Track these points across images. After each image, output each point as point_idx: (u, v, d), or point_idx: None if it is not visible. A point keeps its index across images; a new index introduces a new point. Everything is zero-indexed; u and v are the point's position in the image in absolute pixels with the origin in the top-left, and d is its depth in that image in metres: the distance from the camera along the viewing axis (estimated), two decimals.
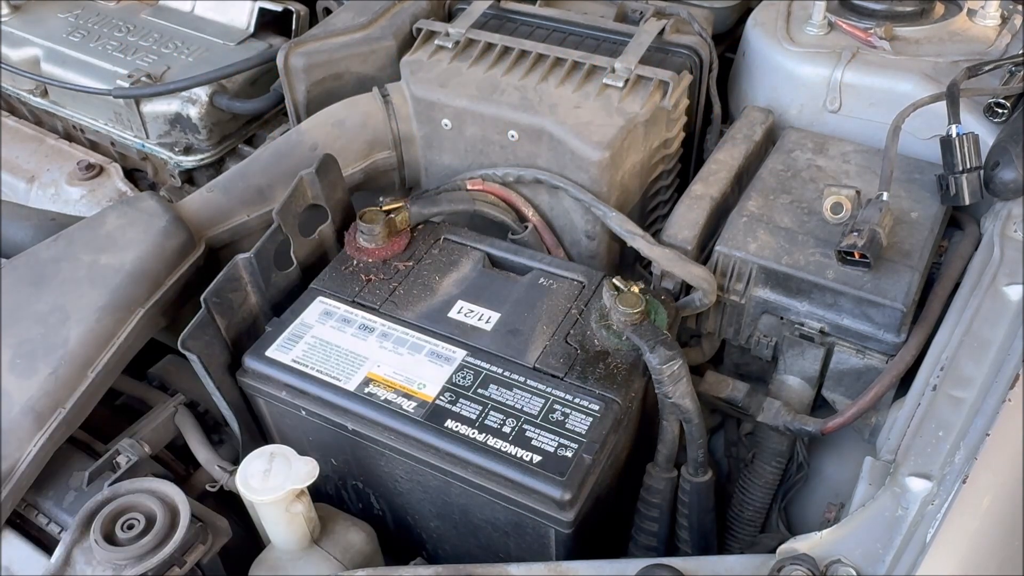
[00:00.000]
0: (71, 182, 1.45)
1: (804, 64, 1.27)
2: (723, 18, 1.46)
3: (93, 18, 1.63)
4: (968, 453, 0.77)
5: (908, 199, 1.11)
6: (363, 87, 1.31)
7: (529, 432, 0.89)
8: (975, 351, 0.88)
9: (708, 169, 1.19)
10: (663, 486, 1.02)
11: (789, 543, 0.74)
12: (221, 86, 1.45)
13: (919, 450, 0.80)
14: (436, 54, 1.27)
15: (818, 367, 1.08)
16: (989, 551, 0.72)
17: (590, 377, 0.94)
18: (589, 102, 1.17)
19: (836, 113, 1.26)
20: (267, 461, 0.87)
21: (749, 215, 1.11)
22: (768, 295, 1.08)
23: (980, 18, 1.31)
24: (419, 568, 0.88)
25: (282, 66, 1.30)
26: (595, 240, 1.21)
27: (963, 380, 0.85)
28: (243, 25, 1.57)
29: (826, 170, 1.17)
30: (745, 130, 1.26)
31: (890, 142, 1.06)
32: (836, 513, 0.99)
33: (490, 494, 0.89)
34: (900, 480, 0.78)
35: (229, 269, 1.00)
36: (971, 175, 1.04)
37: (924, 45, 1.27)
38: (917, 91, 1.16)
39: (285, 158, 1.20)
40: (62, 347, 0.96)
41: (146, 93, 1.45)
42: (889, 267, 1.02)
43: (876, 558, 0.73)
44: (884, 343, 1.02)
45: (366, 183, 1.27)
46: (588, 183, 1.15)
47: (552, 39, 1.30)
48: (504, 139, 1.20)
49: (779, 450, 1.11)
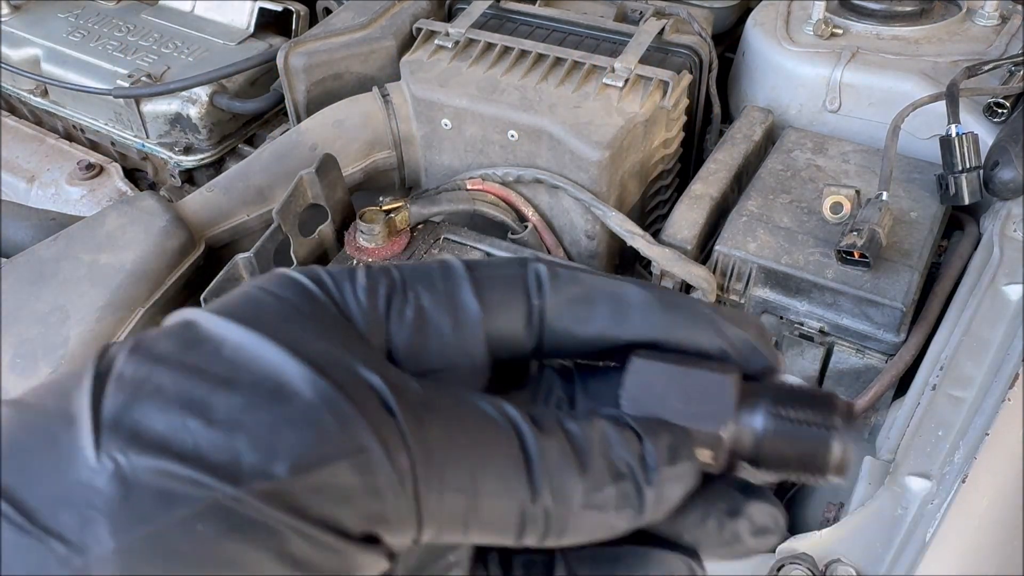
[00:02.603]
0: (71, 182, 1.45)
1: (804, 64, 1.27)
2: (723, 18, 1.46)
3: (93, 18, 1.63)
4: (967, 453, 0.77)
5: (908, 199, 1.11)
6: (363, 87, 1.31)
7: None
8: (975, 351, 0.88)
9: (708, 169, 1.20)
10: None
11: (789, 542, 0.75)
12: (221, 86, 1.45)
13: (918, 450, 0.80)
14: (436, 54, 1.27)
15: (818, 367, 1.08)
16: (989, 550, 0.72)
17: None
18: (589, 102, 1.17)
19: (836, 113, 1.26)
20: None
21: (749, 215, 1.11)
22: (768, 295, 1.08)
23: (979, 18, 1.31)
24: None
25: (282, 66, 1.30)
26: (595, 240, 1.21)
27: (963, 379, 0.85)
28: (243, 25, 1.57)
29: (826, 170, 1.17)
30: (745, 130, 1.26)
31: (889, 142, 1.06)
32: (836, 512, 0.99)
33: None
34: (899, 479, 0.78)
35: (229, 268, 1.00)
36: (971, 175, 1.04)
37: (923, 45, 1.27)
38: (916, 91, 1.16)
39: (285, 158, 1.20)
40: (62, 346, 0.96)
41: (146, 93, 1.45)
42: (889, 267, 1.02)
43: (876, 557, 0.73)
44: (883, 343, 1.02)
45: (366, 183, 1.27)
46: (588, 183, 1.15)
47: (552, 39, 1.30)
48: (504, 139, 1.20)
49: None
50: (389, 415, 0.26)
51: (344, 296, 0.29)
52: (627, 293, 0.31)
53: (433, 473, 0.26)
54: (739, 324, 0.31)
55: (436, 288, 0.30)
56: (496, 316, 0.31)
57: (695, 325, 0.31)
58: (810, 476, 0.30)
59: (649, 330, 0.31)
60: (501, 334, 0.31)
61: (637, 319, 0.31)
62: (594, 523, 0.28)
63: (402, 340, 0.30)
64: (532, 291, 0.31)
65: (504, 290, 0.31)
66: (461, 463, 0.26)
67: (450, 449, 0.26)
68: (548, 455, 0.28)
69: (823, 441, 0.29)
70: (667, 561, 0.31)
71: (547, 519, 0.27)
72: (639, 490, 0.29)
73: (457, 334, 0.30)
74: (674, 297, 0.32)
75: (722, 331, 0.31)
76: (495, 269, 0.31)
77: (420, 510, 0.26)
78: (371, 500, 0.25)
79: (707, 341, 0.31)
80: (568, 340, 0.32)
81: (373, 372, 0.27)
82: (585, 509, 0.28)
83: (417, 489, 0.26)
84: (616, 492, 0.28)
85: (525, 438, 0.27)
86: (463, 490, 0.26)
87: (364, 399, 0.26)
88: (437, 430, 0.27)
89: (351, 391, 0.26)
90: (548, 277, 0.31)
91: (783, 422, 0.30)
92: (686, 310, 0.31)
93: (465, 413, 0.28)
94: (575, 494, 0.28)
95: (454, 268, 0.31)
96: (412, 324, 0.30)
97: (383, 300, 0.29)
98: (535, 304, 0.31)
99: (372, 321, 0.29)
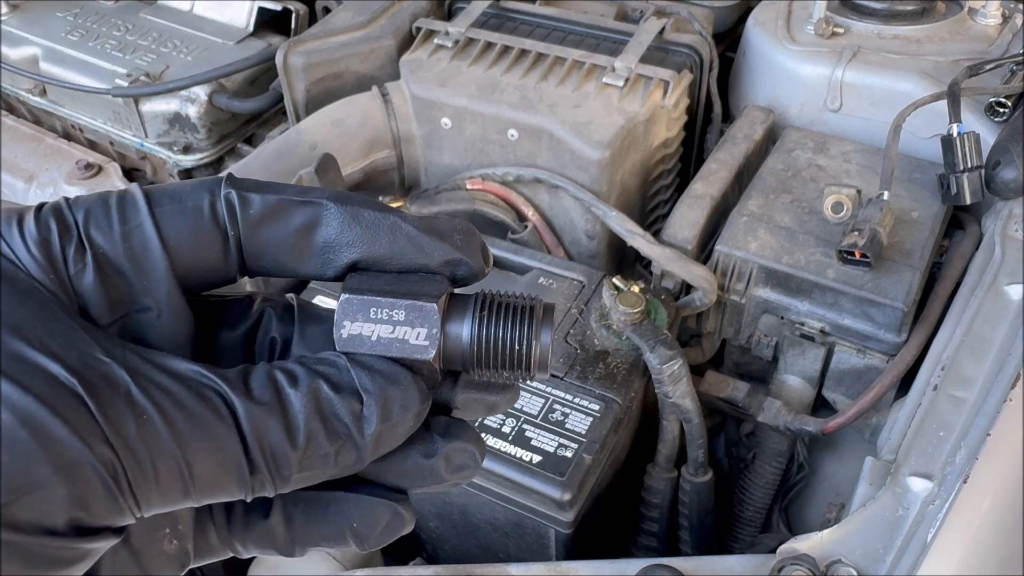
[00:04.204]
0: (70, 181, 1.44)
1: (805, 63, 1.27)
2: (723, 17, 1.45)
3: (92, 17, 1.63)
4: (969, 453, 0.76)
5: (909, 198, 1.11)
6: (363, 86, 1.31)
7: (529, 432, 0.89)
8: (976, 351, 0.87)
9: (708, 168, 1.19)
10: (663, 486, 1.02)
11: (789, 543, 0.74)
12: (220, 85, 1.44)
13: (920, 450, 0.80)
14: (436, 53, 1.27)
15: (819, 367, 1.08)
16: (990, 551, 0.72)
17: (590, 377, 0.94)
18: (589, 101, 1.17)
19: (837, 112, 1.26)
20: None
21: (749, 214, 1.10)
22: (768, 295, 1.07)
23: (981, 17, 1.31)
24: (418, 568, 0.88)
25: (281, 65, 1.29)
26: (595, 239, 1.21)
27: (964, 380, 0.85)
28: (242, 24, 1.57)
29: (827, 169, 1.17)
30: (745, 129, 1.26)
31: (891, 141, 1.06)
32: (837, 513, 0.99)
33: (490, 494, 0.89)
34: (901, 480, 0.78)
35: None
36: (972, 174, 1.03)
37: (925, 44, 1.27)
38: (918, 90, 1.16)
39: (284, 157, 1.20)
40: None
41: (145, 92, 1.44)
42: (890, 267, 1.02)
43: (877, 558, 0.73)
44: (885, 343, 1.02)
45: (366, 182, 1.27)
46: (588, 182, 1.15)
47: (552, 38, 1.29)
48: (504, 138, 1.19)
49: (779, 450, 1.10)
50: (89, 415, 0.26)
51: (16, 253, 0.28)
52: (325, 214, 0.31)
53: (145, 471, 0.27)
54: (441, 236, 0.32)
55: (113, 230, 0.29)
56: (185, 251, 0.30)
57: (394, 244, 0.32)
58: (518, 374, 0.33)
59: (353, 252, 0.32)
60: (196, 267, 0.31)
61: (338, 240, 0.32)
62: (315, 475, 0.31)
63: (88, 292, 0.29)
64: (224, 220, 0.31)
65: (192, 222, 0.30)
66: (172, 456, 0.27)
67: (158, 443, 0.27)
68: (263, 432, 0.29)
69: (523, 341, 0.33)
70: (375, 508, 0.34)
71: (264, 483, 0.30)
72: (356, 446, 0.31)
73: (142, 277, 0.30)
74: (372, 215, 0.32)
75: (422, 248, 0.32)
76: (181, 200, 0.30)
77: (137, 502, 0.27)
78: (85, 507, 0.26)
79: (409, 260, 0.32)
80: (272, 265, 0.32)
81: (55, 361, 0.26)
82: (304, 470, 0.30)
83: (131, 487, 0.27)
84: (335, 451, 0.30)
85: (240, 417, 0.28)
86: (178, 480, 0.27)
87: (58, 401, 0.26)
88: (144, 421, 0.27)
89: (44, 395, 0.26)
90: (239, 203, 0.31)
91: (486, 328, 0.33)
92: (384, 229, 0.32)
93: (176, 393, 0.28)
94: (292, 462, 0.29)
95: (134, 203, 0.30)
96: (94, 274, 0.29)
97: (58, 252, 0.29)
98: (231, 234, 0.31)
99: (54, 278, 0.29)
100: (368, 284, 0.32)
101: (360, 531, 0.34)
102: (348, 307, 0.32)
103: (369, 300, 0.32)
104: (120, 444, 0.26)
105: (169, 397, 0.28)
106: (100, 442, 0.26)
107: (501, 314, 0.33)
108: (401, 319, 0.32)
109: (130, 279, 0.30)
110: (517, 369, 0.33)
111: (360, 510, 0.34)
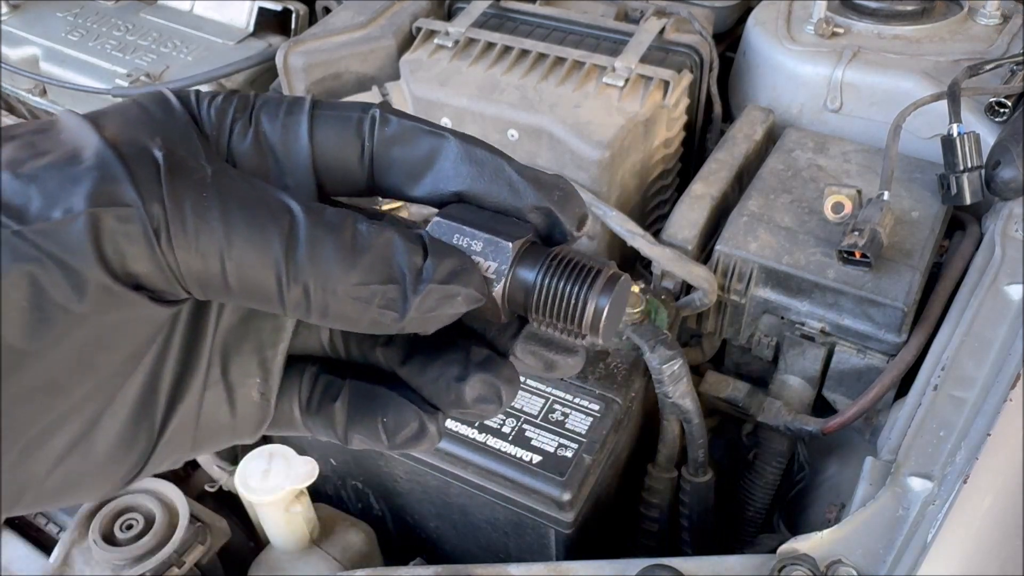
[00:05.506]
0: None
1: (805, 63, 1.27)
2: (723, 17, 1.45)
3: (92, 17, 1.63)
4: (969, 453, 0.76)
5: (909, 198, 1.11)
6: (363, 86, 1.31)
7: (529, 432, 0.89)
8: (976, 351, 0.87)
9: (708, 168, 1.19)
10: (663, 486, 1.02)
11: (790, 543, 0.74)
12: (220, 85, 1.44)
13: (920, 450, 0.80)
14: (436, 53, 1.27)
15: (819, 367, 1.08)
16: (990, 551, 0.72)
17: (590, 377, 0.94)
18: (589, 101, 1.17)
19: (837, 112, 1.26)
20: (266, 461, 0.87)
21: (750, 214, 1.10)
22: (769, 295, 1.07)
23: (981, 17, 1.31)
24: (418, 568, 0.88)
25: (281, 65, 1.29)
26: (595, 239, 1.21)
27: (964, 380, 0.85)
28: (242, 24, 1.57)
29: (827, 169, 1.17)
30: (746, 129, 1.26)
31: (891, 141, 1.06)
32: (837, 513, 0.99)
33: (490, 494, 0.89)
34: (901, 480, 0.78)
35: None
36: (972, 174, 1.03)
37: (925, 44, 1.27)
38: (918, 90, 1.16)
39: None
40: None
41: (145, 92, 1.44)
42: (890, 267, 1.02)
43: (877, 558, 0.73)
44: (885, 343, 1.02)
45: None
46: (588, 182, 1.15)
47: (552, 38, 1.29)
48: (504, 138, 1.19)
49: (780, 450, 1.10)
50: (156, 180, 0.30)
51: (199, 111, 0.35)
52: (446, 145, 0.35)
53: (186, 231, 0.30)
54: (539, 186, 0.35)
55: (277, 118, 0.35)
56: (328, 150, 0.35)
57: (494, 184, 0.35)
58: (572, 329, 0.35)
59: (458, 184, 0.35)
60: (333, 166, 0.35)
61: (450, 172, 0.35)
62: (357, 312, 0.32)
63: (240, 154, 0.35)
64: (365, 132, 0.35)
65: (340, 128, 0.35)
66: (216, 227, 0.30)
67: (205, 213, 0.30)
68: (318, 243, 0.31)
69: (581, 298, 0.34)
70: (405, 410, 0.37)
71: (307, 296, 0.31)
72: (405, 296, 0.32)
73: (288, 159, 0.35)
74: (483, 154, 0.35)
75: (518, 192, 0.35)
76: (338, 109, 0.36)
77: (175, 261, 0.30)
78: (128, 244, 0.29)
79: (504, 200, 0.35)
80: (393, 183, 0.36)
81: (163, 151, 0.31)
82: (348, 298, 0.32)
83: (170, 241, 0.30)
84: (383, 292, 0.32)
85: (297, 223, 0.31)
86: (215, 252, 0.30)
87: (139, 167, 0.30)
88: (201, 197, 0.30)
89: (130, 160, 0.30)
90: (380, 121, 0.35)
91: (552, 278, 0.34)
92: (489, 168, 0.35)
93: (245, 192, 0.31)
94: (340, 283, 0.31)
95: (301, 104, 0.35)
96: (250, 143, 0.35)
97: (229, 120, 0.35)
98: (367, 146, 0.35)
99: (218, 134, 0.35)
100: (460, 214, 0.35)
101: (389, 426, 0.37)
102: (436, 228, 0.34)
103: (456, 227, 0.34)
104: (172, 207, 0.30)
105: (235, 194, 0.31)
106: (155, 201, 0.29)
107: (569, 267, 0.34)
108: (478, 250, 0.34)
109: (279, 158, 0.35)
110: (572, 324, 0.35)
111: (394, 407, 0.37)
